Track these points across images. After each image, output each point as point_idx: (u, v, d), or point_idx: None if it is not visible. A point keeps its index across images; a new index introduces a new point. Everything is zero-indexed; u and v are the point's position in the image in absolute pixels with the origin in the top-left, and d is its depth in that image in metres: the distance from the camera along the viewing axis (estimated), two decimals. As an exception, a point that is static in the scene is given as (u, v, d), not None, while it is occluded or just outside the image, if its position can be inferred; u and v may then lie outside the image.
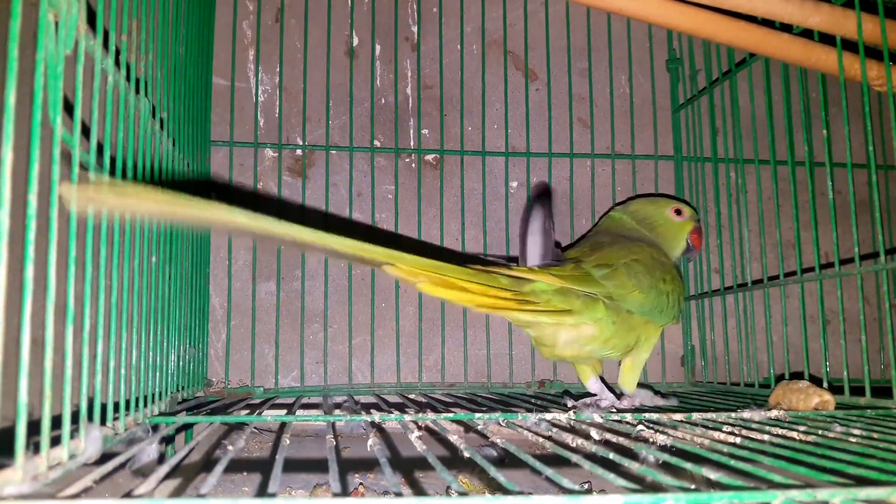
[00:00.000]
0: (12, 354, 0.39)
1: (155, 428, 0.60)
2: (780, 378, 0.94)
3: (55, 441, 0.43)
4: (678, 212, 1.03)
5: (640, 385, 0.97)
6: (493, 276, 0.78)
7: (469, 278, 0.74)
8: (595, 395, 0.96)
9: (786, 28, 0.98)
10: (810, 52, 0.97)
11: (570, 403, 0.93)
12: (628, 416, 0.70)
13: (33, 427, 0.40)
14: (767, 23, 0.97)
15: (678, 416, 0.71)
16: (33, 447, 0.40)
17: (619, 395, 0.96)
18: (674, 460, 0.49)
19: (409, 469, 0.89)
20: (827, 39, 0.95)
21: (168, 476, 0.44)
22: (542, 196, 0.92)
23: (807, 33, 0.96)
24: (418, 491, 0.80)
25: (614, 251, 0.92)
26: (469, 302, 0.75)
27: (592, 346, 0.87)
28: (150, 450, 0.53)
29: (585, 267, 0.87)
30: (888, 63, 0.84)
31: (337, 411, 0.80)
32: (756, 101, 1.08)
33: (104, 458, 0.47)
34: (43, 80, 0.40)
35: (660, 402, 0.96)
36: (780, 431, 0.63)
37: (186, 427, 0.97)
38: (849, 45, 0.92)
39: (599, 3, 0.95)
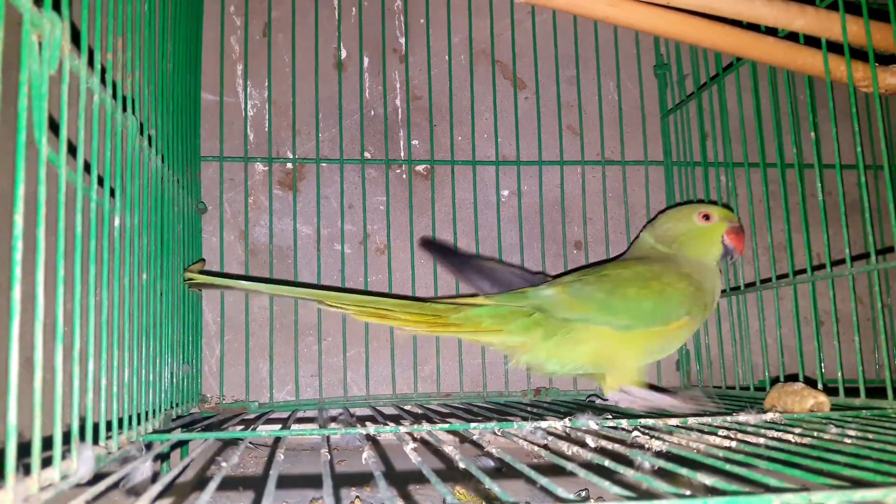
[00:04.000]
0: (1, 375, 0.39)
1: (149, 446, 0.60)
2: (775, 380, 0.94)
3: (47, 462, 0.42)
4: (706, 217, 1.03)
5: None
6: (424, 305, 0.97)
7: (397, 308, 0.95)
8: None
9: (771, 31, 0.98)
10: (796, 54, 0.97)
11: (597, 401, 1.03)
12: (624, 423, 0.70)
13: (24, 448, 0.39)
14: (753, 27, 0.97)
15: (673, 421, 0.71)
16: (24, 469, 0.39)
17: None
18: (669, 466, 0.49)
19: (405, 482, 0.88)
20: (812, 42, 0.95)
21: (162, 494, 0.44)
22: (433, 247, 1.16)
23: (792, 36, 0.97)
24: None
25: (588, 271, 0.99)
26: (397, 325, 0.96)
27: (542, 360, 0.96)
28: (143, 468, 0.53)
29: (529, 288, 0.98)
30: (874, 64, 0.85)
31: (332, 424, 0.79)
32: (744, 105, 1.08)
33: (97, 477, 0.47)
34: (27, 101, 0.40)
35: (656, 400, 0.93)
36: (775, 434, 0.63)
37: (182, 444, 0.97)
38: (834, 47, 0.93)
39: (586, 12, 0.96)
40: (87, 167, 0.51)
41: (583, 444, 0.61)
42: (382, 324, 0.96)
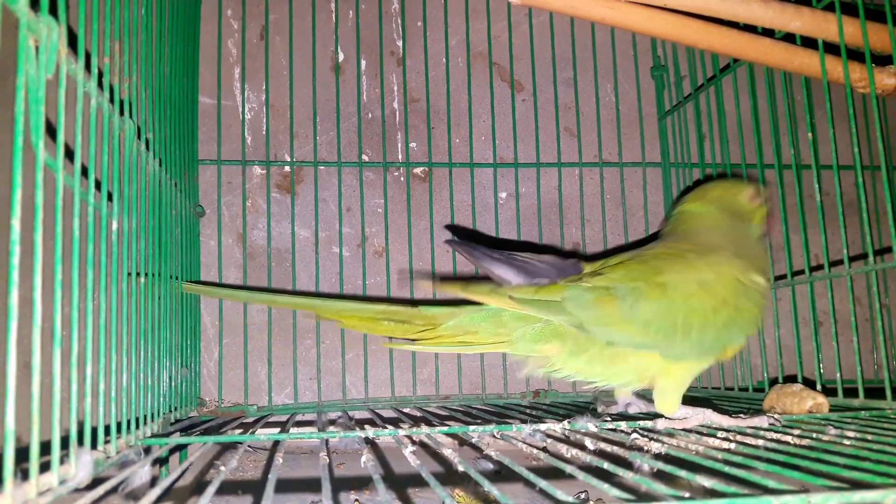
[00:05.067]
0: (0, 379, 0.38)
1: (147, 450, 0.60)
2: (773, 382, 0.94)
3: (45, 466, 0.42)
4: (754, 197, 0.88)
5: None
6: (406, 311, 0.83)
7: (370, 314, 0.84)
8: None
9: (768, 33, 0.98)
10: (793, 56, 0.97)
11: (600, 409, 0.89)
12: (622, 425, 0.70)
13: (22, 452, 0.39)
14: (750, 28, 0.97)
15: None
16: (22, 473, 0.39)
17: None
18: (669, 468, 0.49)
19: (404, 485, 0.88)
20: (809, 43, 0.95)
21: (161, 498, 0.44)
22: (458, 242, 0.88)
23: (789, 37, 0.97)
24: (414, 506, 0.80)
25: (641, 267, 0.78)
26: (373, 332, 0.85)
27: (564, 375, 0.80)
28: (142, 472, 0.53)
29: (569, 288, 0.76)
30: (870, 65, 0.85)
31: (331, 427, 0.79)
32: (741, 106, 1.08)
33: (96, 482, 0.47)
34: (24, 105, 0.40)
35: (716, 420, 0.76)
36: (774, 436, 0.63)
37: (181, 448, 0.97)
38: (831, 48, 0.93)
39: (583, 14, 0.96)
40: (85, 171, 0.51)
41: (582, 447, 0.61)
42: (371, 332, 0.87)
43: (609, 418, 0.74)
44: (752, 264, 0.78)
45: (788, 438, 0.62)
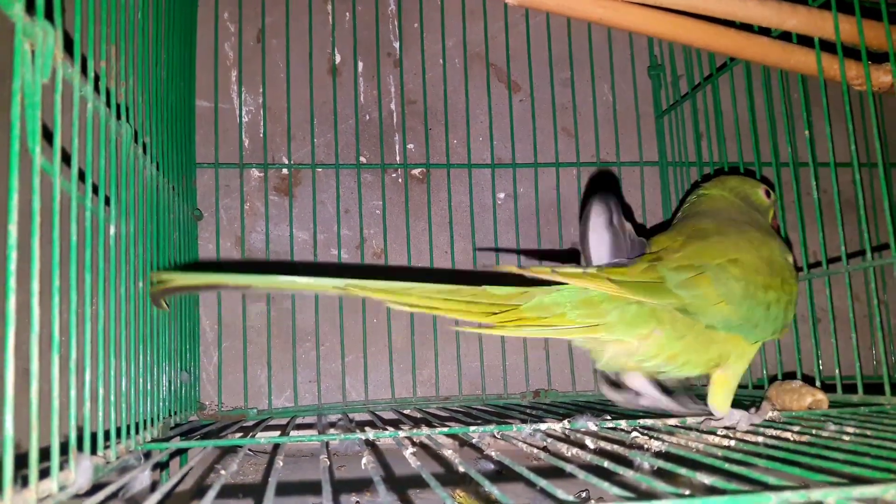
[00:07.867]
0: (-2, 386, 0.38)
1: (147, 455, 0.60)
2: (773, 379, 0.94)
3: (44, 473, 0.42)
4: (768, 193, 0.89)
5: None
6: (479, 291, 0.69)
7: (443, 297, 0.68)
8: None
9: (764, 31, 0.99)
10: (789, 54, 0.97)
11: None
12: (623, 423, 0.70)
13: (22, 459, 0.39)
14: (746, 27, 0.98)
15: (672, 421, 0.71)
16: (21, 480, 0.39)
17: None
18: (669, 466, 0.49)
19: (405, 487, 0.88)
20: (805, 41, 0.95)
21: (161, 503, 0.44)
22: (600, 192, 0.76)
23: (785, 36, 0.97)
24: (415, 508, 0.80)
25: (712, 245, 0.75)
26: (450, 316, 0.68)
27: (652, 364, 0.73)
28: (142, 477, 0.53)
29: (661, 268, 0.71)
30: (867, 63, 0.85)
31: (331, 430, 0.79)
32: (738, 104, 1.08)
33: (95, 487, 0.46)
34: (20, 110, 0.40)
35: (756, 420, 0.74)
36: (774, 432, 0.63)
37: (181, 452, 0.97)
38: (827, 46, 0.93)
39: (579, 14, 0.96)
40: (82, 176, 0.51)
41: (582, 446, 0.61)
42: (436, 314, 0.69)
43: (609, 417, 0.74)
44: (783, 244, 0.80)
45: (788, 435, 0.62)
